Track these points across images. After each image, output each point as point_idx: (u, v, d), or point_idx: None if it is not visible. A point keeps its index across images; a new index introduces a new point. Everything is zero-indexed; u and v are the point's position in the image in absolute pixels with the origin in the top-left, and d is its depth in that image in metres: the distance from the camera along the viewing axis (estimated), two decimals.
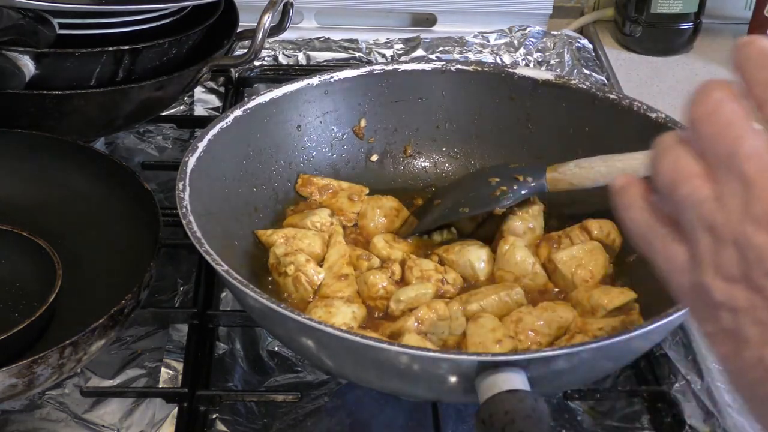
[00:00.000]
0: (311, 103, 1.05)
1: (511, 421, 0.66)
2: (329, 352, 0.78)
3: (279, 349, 0.96)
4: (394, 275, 0.94)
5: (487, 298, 0.90)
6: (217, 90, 1.36)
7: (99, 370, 0.93)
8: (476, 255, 0.96)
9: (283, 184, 1.04)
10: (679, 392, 0.90)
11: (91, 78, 1.02)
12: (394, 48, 1.48)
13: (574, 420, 0.91)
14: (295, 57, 1.45)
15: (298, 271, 0.92)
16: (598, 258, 0.95)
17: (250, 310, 0.84)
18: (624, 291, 0.90)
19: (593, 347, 0.72)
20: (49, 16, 0.97)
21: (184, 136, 1.28)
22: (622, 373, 0.95)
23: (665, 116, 0.98)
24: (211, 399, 0.88)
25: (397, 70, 1.07)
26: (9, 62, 0.96)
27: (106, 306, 0.82)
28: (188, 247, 0.89)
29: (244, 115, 0.99)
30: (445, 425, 0.87)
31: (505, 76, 1.07)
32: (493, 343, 0.84)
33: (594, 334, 0.84)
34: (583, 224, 0.98)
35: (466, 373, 0.72)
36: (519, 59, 1.47)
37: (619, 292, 0.90)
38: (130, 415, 0.89)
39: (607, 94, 1.02)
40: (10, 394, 0.79)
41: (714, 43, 1.53)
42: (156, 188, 1.15)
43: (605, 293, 0.90)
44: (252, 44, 1.09)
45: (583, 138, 1.02)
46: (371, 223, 1.02)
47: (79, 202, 1.00)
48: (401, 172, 1.10)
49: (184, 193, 0.86)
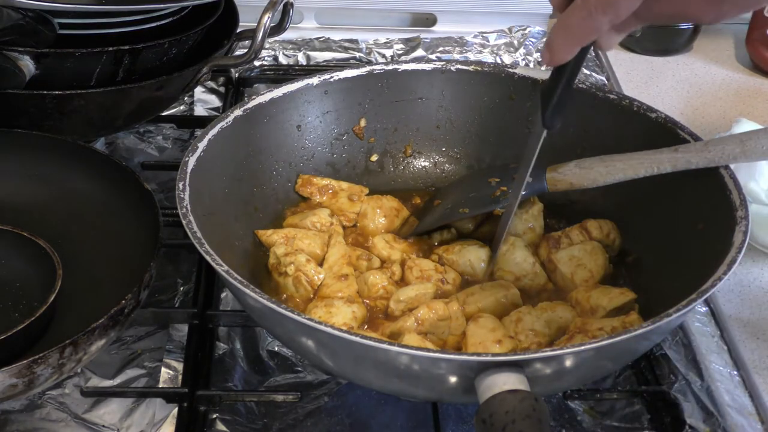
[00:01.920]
0: (311, 103, 1.05)
1: (511, 421, 0.66)
2: (329, 352, 0.78)
3: (279, 349, 0.96)
4: (394, 275, 0.94)
5: (483, 300, 0.90)
6: (217, 90, 1.36)
7: (99, 370, 0.93)
8: (476, 255, 0.96)
9: (283, 184, 1.04)
10: (679, 392, 0.90)
11: (91, 78, 1.02)
12: (394, 48, 1.48)
13: (574, 420, 0.91)
14: (295, 57, 1.45)
15: (299, 271, 0.92)
16: (598, 258, 0.95)
17: (250, 310, 0.84)
18: (624, 291, 0.90)
19: (593, 347, 0.72)
20: (49, 16, 0.97)
21: (184, 136, 1.28)
22: (622, 373, 0.95)
23: (665, 116, 0.98)
24: (211, 399, 0.89)
25: (397, 70, 1.07)
26: (9, 62, 0.97)
27: (106, 306, 0.82)
28: (188, 247, 0.89)
29: (244, 115, 0.99)
30: (445, 425, 0.87)
31: (505, 76, 1.07)
32: (493, 343, 0.84)
33: (594, 335, 0.84)
34: (583, 224, 0.98)
35: (466, 374, 0.72)
36: (519, 59, 1.47)
37: (618, 293, 0.90)
38: (130, 415, 0.89)
39: (607, 94, 1.02)
40: (10, 394, 0.79)
41: (714, 43, 1.53)
42: (156, 188, 1.15)
43: (605, 294, 0.90)
44: (252, 44, 1.09)
45: (583, 138, 1.02)
46: (371, 224, 1.02)
47: (79, 202, 1.00)
48: (401, 172, 1.10)
49: (184, 193, 0.86)
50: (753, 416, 0.88)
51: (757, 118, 1.17)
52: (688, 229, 0.90)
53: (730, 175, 0.89)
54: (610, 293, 0.90)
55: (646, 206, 0.97)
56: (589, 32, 0.73)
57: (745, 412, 0.88)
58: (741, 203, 0.85)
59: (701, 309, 0.99)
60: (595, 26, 0.72)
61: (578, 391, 0.90)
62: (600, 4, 0.70)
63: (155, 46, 1.03)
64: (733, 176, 0.89)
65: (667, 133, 0.96)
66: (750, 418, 0.88)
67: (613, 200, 0.99)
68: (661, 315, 0.74)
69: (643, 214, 0.97)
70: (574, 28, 0.73)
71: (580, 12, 0.71)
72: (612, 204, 1.00)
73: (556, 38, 0.75)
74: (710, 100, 1.37)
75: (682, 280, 0.83)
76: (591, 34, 0.73)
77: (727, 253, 0.80)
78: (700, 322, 0.98)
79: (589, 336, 0.84)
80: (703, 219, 0.89)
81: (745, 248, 0.80)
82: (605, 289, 0.91)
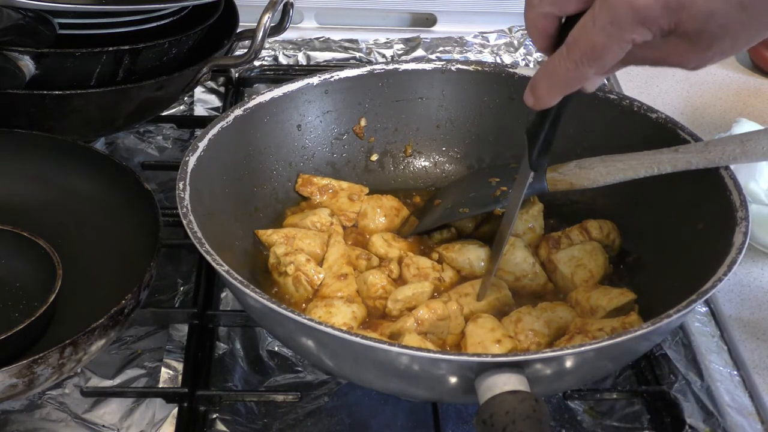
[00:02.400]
0: (311, 103, 1.05)
1: (511, 422, 0.66)
2: (329, 352, 0.78)
3: (279, 349, 0.96)
4: (392, 273, 0.94)
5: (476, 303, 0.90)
6: (217, 90, 1.36)
7: (99, 370, 0.93)
8: (476, 254, 0.96)
9: (283, 183, 1.04)
10: (679, 392, 0.90)
11: (91, 78, 1.02)
12: (394, 48, 1.48)
13: (574, 420, 0.91)
14: (295, 57, 1.45)
15: (298, 270, 0.92)
16: (598, 258, 0.95)
17: (250, 310, 0.84)
18: (624, 292, 0.90)
19: (593, 348, 0.72)
20: (49, 16, 0.97)
21: (184, 136, 1.28)
22: (622, 373, 0.95)
23: (665, 116, 0.98)
24: (211, 399, 0.89)
25: (397, 70, 1.07)
26: (9, 62, 0.97)
27: (106, 306, 0.82)
28: (188, 247, 0.89)
29: (244, 115, 0.99)
30: (445, 425, 0.87)
31: (505, 76, 1.07)
32: (493, 343, 0.84)
33: (593, 335, 0.84)
34: (582, 224, 0.98)
35: (466, 374, 0.72)
36: (519, 59, 1.47)
37: (618, 293, 0.90)
38: (130, 415, 0.89)
39: (607, 94, 1.02)
40: (10, 394, 0.79)
41: None
42: (156, 188, 1.15)
43: (605, 294, 0.90)
44: (252, 44, 1.09)
45: (583, 138, 1.02)
46: (371, 223, 1.02)
47: (79, 202, 1.00)
48: (401, 171, 1.10)
49: (185, 193, 0.86)
50: (753, 416, 0.88)
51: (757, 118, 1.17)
52: (688, 230, 0.90)
53: (730, 176, 0.89)
54: (609, 293, 0.90)
55: (647, 207, 0.97)
56: (574, 82, 0.73)
57: (745, 412, 0.88)
58: (741, 203, 0.85)
59: (701, 309, 0.99)
60: (581, 77, 0.72)
61: (578, 391, 0.90)
62: (586, 56, 0.69)
63: (155, 46, 1.03)
64: (733, 176, 0.89)
65: (667, 133, 0.96)
66: (750, 418, 0.88)
67: (613, 200, 0.99)
68: (661, 316, 0.74)
69: (643, 214, 0.97)
70: (559, 77, 0.73)
71: (566, 63, 0.71)
72: (612, 204, 1.00)
73: (541, 84, 0.75)
74: (710, 100, 1.37)
75: (682, 280, 0.83)
76: (576, 84, 0.73)
77: (728, 254, 0.80)
78: (700, 322, 0.98)
79: (589, 336, 0.84)
80: (704, 219, 0.89)
81: (745, 249, 0.80)
82: (605, 290, 0.91)
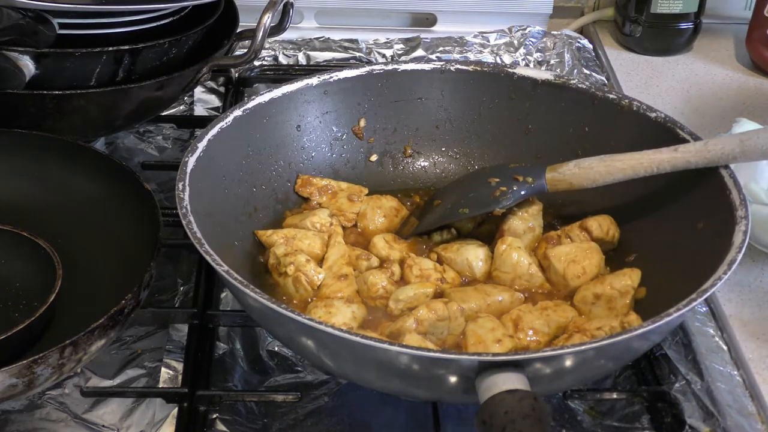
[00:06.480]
0: (311, 103, 1.05)
1: (511, 421, 0.66)
2: (329, 352, 0.78)
3: (279, 349, 0.96)
4: (394, 275, 0.94)
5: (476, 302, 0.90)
6: (217, 90, 1.36)
7: (99, 370, 0.93)
8: (474, 254, 0.96)
9: (283, 184, 1.04)
10: (679, 392, 0.90)
11: (91, 78, 1.02)
12: (394, 48, 1.48)
13: (574, 420, 0.91)
14: (295, 57, 1.45)
15: (298, 271, 0.92)
16: (593, 257, 0.94)
17: (250, 310, 0.84)
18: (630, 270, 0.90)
19: (593, 347, 0.72)
20: (49, 16, 0.97)
21: (184, 136, 1.28)
22: (622, 373, 0.95)
23: (665, 116, 0.98)
24: (211, 399, 0.89)
25: (397, 70, 1.07)
26: (9, 62, 0.97)
27: (106, 306, 0.82)
28: (188, 247, 0.89)
29: (244, 115, 0.99)
30: (445, 425, 0.87)
31: (504, 76, 1.07)
32: (493, 343, 0.84)
33: (593, 334, 0.84)
34: (582, 223, 0.98)
35: (466, 374, 0.72)
36: (519, 59, 1.47)
37: (629, 271, 0.90)
38: (130, 415, 0.89)
39: (607, 94, 1.02)
40: (10, 394, 0.79)
41: (714, 43, 1.53)
42: (156, 188, 1.15)
43: (619, 277, 0.90)
44: (252, 44, 1.09)
45: (583, 138, 1.02)
46: (371, 224, 1.02)
47: (79, 202, 1.00)
48: (401, 172, 1.10)
49: (184, 193, 0.86)
50: (753, 416, 0.88)
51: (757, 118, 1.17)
52: (688, 229, 0.90)
53: (730, 175, 0.89)
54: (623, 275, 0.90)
55: (646, 206, 0.97)
56: None
57: (745, 412, 0.88)
58: (741, 203, 0.85)
59: (701, 309, 0.99)
60: None
61: (578, 391, 0.90)
62: None
63: (155, 46, 1.03)
64: (733, 176, 0.89)
65: (667, 132, 0.96)
66: (750, 419, 0.88)
67: (613, 200, 0.99)
68: (661, 315, 0.74)
69: (643, 213, 0.97)
70: None
71: None
72: (612, 203, 0.99)
73: None
74: (710, 100, 1.37)
75: (681, 279, 0.83)
76: None
77: (728, 253, 0.80)
78: (700, 322, 0.98)
79: (588, 336, 0.84)
80: (703, 218, 0.89)
81: (745, 248, 0.81)
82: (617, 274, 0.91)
